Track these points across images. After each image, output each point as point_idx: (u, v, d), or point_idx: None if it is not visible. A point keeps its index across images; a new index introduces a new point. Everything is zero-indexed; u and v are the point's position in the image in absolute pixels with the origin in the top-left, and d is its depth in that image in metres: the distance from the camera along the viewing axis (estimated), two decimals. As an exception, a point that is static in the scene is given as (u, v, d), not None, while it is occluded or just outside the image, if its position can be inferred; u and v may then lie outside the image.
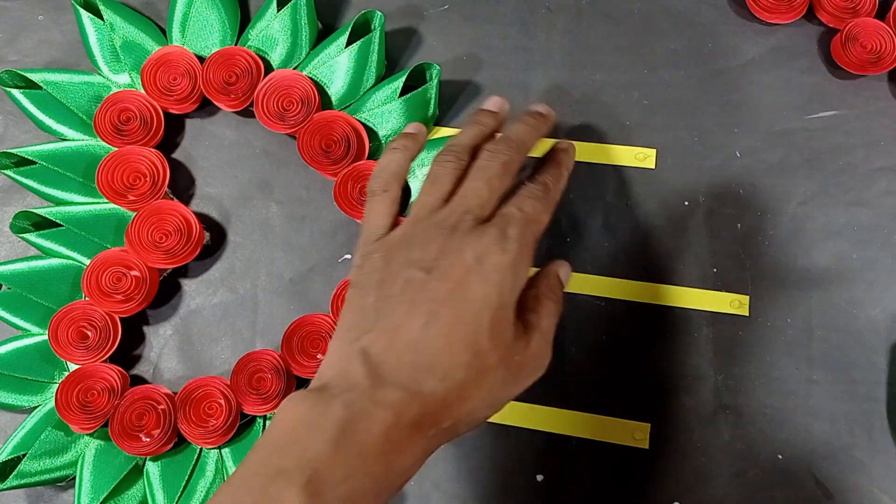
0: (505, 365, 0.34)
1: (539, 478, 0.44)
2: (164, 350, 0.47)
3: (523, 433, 0.44)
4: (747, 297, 0.45)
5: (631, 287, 0.46)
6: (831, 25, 0.48)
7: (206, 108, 0.49)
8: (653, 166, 0.47)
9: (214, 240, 0.47)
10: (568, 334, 0.45)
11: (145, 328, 0.47)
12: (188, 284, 0.47)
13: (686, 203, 0.47)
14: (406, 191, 0.45)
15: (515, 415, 0.45)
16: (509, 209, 0.36)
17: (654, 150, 0.47)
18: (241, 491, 0.30)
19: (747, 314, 0.45)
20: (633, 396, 0.44)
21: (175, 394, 0.44)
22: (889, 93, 0.48)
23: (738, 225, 0.46)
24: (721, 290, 0.45)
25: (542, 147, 0.41)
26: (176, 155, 0.49)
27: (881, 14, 0.48)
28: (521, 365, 0.35)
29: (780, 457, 0.42)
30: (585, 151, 0.47)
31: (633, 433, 0.44)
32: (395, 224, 0.38)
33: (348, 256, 0.47)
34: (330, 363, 0.34)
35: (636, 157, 0.47)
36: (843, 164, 0.47)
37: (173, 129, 0.49)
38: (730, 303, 0.45)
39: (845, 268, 0.45)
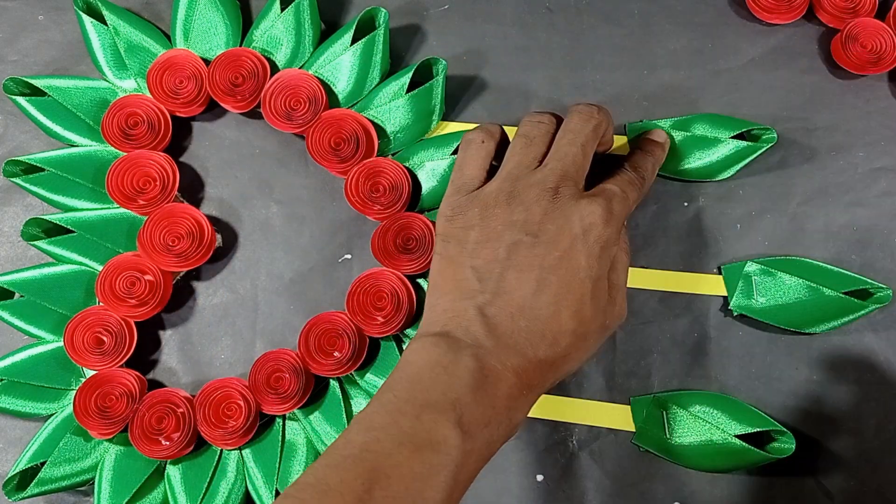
0: (600, 328, 0.37)
1: (539, 478, 0.44)
2: (164, 350, 0.47)
3: (523, 433, 0.44)
4: None
5: (632, 273, 0.46)
6: (831, 25, 0.48)
7: (212, 110, 0.49)
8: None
9: (226, 241, 0.47)
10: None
11: (147, 329, 0.47)
12: (188, 284, 0.48)
13: (686, 204, 0.47)
14: (418, 189, 0.46)
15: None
16: (612, 187, 0.38)
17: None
18: (397, 414, 0.32)
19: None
20: (633, 395, 0.44)
21: (193, 396, 0.44)
22: (889, 93, 0.48)
23: (738, 226, 0.46)
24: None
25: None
26: (184, 158, 0.48)
27: (881, 14, 0.48)
28: (608, 326, 0.37)
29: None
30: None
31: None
32: (487, 179, 0.39)
33: (348, 256, 0.47)
34: (445, 314, 0.36)
35: (617, 142, 0.47)
36: (843, 164, 0.47)
37: (181, 132, 0.49)
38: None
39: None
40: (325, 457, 0.33)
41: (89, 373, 0.44)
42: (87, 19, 0.47)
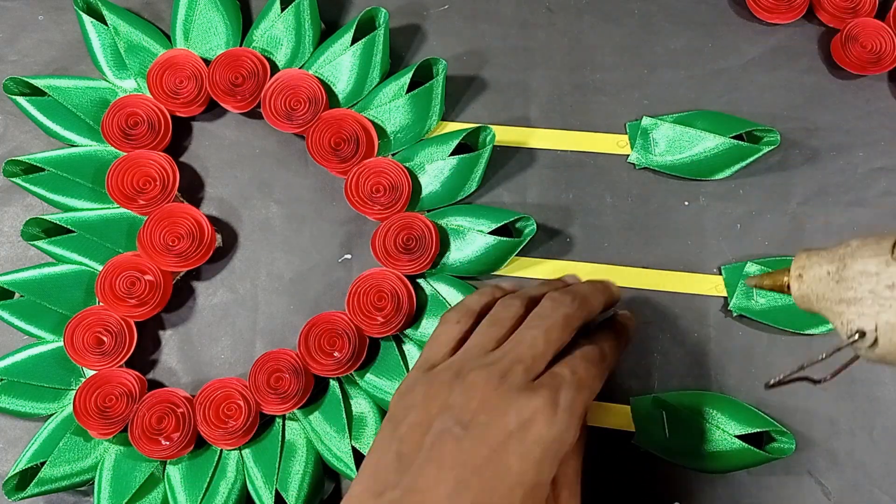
0: None
1: (539, 478, 0.44)
2: (164, 350, 0.47)
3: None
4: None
5: (632, 273, 0.46)
6: (831, 25, 0.48)
7: (212, 110, 0.49)
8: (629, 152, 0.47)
9: (226, 241, 0.47)
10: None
11: (147, 329, 0.47)
12: (188, 284, 0.48)
13: (686, 203, 0.47)
14: (418, 189, 0.46)
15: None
16: (562, 370, 0.34)
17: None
18: None
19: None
20: (633, 395, 0.44)
21: (193, 396, 0.44)
22: (889, 93, 0.48)
23: (738, 225, 0.46)
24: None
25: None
26: (184, 158, 0.48)
27: (881, 14, 0.48)
28: None
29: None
30: (573, 140, 0.48)
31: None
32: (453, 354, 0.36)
33: (348, 256, 0.47)
34: None
35: (617, 143, 0.47)
36: (843, 164, 0.47)
37: (181, 132, 0.49)
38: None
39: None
40: None
41: (89, 373, 0.44)
42: (87, 19, 0.47)
